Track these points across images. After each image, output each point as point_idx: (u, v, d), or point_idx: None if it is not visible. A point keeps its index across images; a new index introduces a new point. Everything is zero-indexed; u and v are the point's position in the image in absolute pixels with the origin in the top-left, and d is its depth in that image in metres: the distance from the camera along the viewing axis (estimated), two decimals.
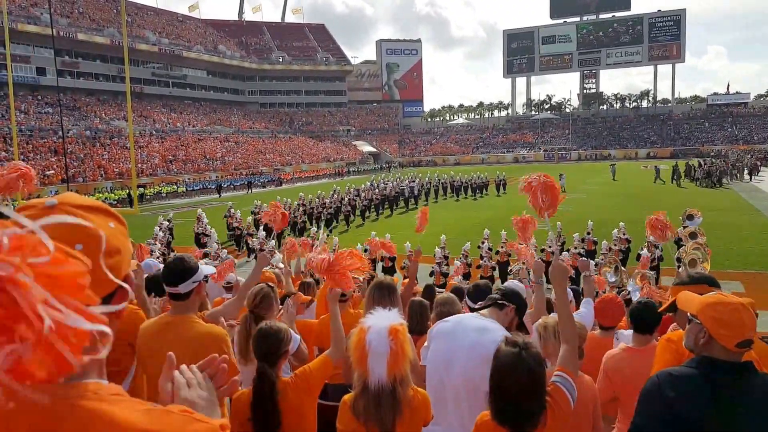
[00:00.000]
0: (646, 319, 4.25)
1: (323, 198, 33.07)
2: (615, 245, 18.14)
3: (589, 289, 5.62)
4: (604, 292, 10.23)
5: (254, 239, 22.16)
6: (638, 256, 14.62)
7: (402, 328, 2.99)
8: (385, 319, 3.02)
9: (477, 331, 3.60)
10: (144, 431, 1.07)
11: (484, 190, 47.59)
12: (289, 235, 28.17)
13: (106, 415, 1.07)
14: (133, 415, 1.09)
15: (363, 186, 39.79)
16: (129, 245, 1.24)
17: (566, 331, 3.26)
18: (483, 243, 19.11)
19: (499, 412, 2.73)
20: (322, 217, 31.22)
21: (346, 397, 3.16)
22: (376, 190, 38.62)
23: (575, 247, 18.37)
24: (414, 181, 44.47)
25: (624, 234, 18.87)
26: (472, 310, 4.03)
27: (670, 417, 2.53)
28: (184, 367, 1.46)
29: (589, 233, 19.94)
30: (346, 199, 34.26)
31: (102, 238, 1.13)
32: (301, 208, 30.63)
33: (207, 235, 22.64)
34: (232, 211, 26.98)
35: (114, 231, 1.19)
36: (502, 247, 18.44)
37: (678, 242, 14.93)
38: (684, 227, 12.97)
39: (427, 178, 47.06)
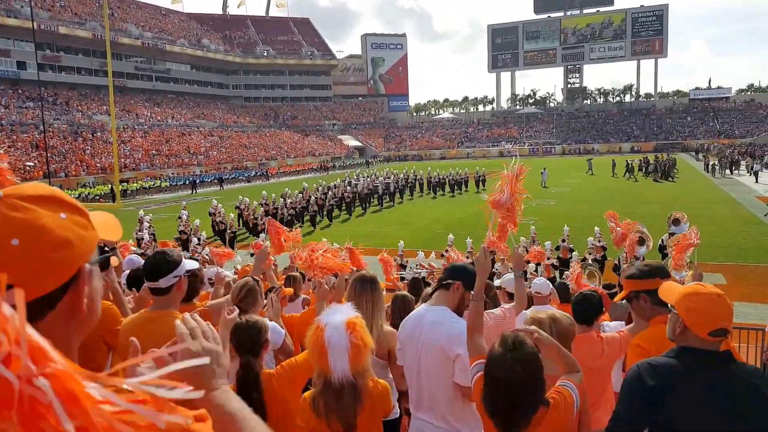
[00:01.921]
0: (586, 311, 4.33)
1: (288, 197, 31.34)
2: (590, 254, 17.18)
3: (519, 291, 4.93)
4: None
5: (194, 244, 20.64)
6: (615, 267, 14.12)
7: (359, 320, 2.99)
8: (340, 314, 3.02)
9: (431, 326, 3.67)
10: None
11: (464, 187, 45.98)
12: (248, 238, 27.12)
13: None
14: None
15: (333, 184, 37.56)
16: (85, 236, 1.14)
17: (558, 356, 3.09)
18: (447, 251, 17.83)
19: (492, 408, 2.75)
20: (284, 219, 28.61)
21: (307, 394, 3.18)
22: (348, 188, 36.49)
23: (548, 258, 16.99)
24: (389, 178, 42.23)
25: (600, 241, 17.62)
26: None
27: (650, 406, 2.58)
28: (187, 315, 1.45)
29: (564, 240, 18.54)
30: (313, 198, 32.53)
31: (44, 231, 1.06)
32: (261, 209, 29.26)
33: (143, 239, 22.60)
34: (183, 211, 26.03)
35: (64, 222, 1.10)
36: (467, 258, 17.00)
37: (662, 250, 14.35)
38: (670, 234, 12.31)
39: (402, 175, 44.80)
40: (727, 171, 49.33)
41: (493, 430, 2.85)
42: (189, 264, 3.64)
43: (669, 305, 2.80)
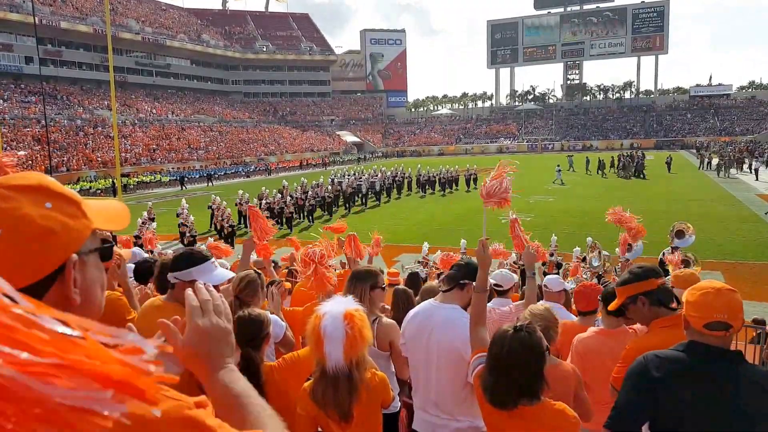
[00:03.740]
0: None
1: (265, 197, 29.97)
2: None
3: (530, 291, 5.03)
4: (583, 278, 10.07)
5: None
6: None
7: (357, 313, 3.03)
8: (340, 305, 3.07)
9: (444, 325, 3.72)
10: None
11: (454, 185, 44.01)
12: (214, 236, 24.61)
13: None
14: None
15: (315, 182, 34.68)
16: (72, 225, 1.11)
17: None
18: (420, 262, 16.10)
19: (484, 383, 2.81)
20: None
21: (307, 383, 3.24)
22: (329, 187, 34.28)
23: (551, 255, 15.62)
24: (376, 176, 39.95)
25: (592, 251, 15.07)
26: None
27: (653, 397, 2.59)
28: (200, 285, 1.43)
29: (552, 254, 16.13)
30: (289, 199, 30.08)
31: (25, 221, 1.04)
32: (229, 210, 26.62)
33: None
34: (144, 213, 24.34)
35: (48, 212, 1.07)
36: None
37: (662, 265, 13.45)
38: (672, 248, 11.14)
39: (390, 173, 42.14)
40: (732, 170, 48.19)
41: (490, 424, 2.90)
42: (218, 273, 3.60)
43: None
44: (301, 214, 31.15)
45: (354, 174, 41.57)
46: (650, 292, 3.46)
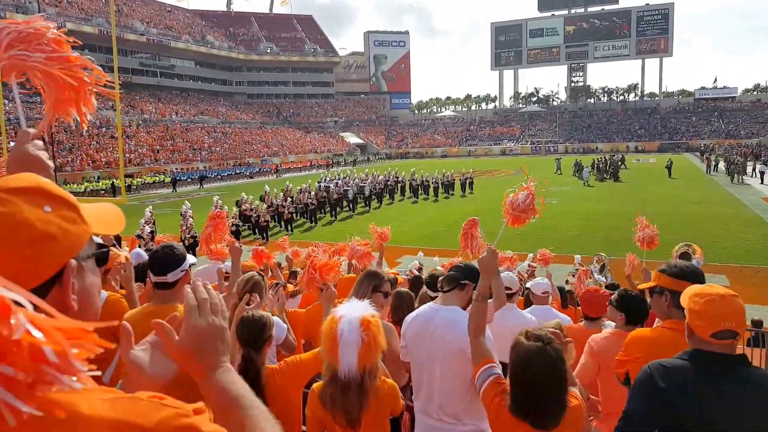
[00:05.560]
0: (640, 311, 4.31)
1: (244, 202, 27.79)
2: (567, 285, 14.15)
3: (497, 289, 4.78)
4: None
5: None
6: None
7: (374, 319, 3.00)
8: (357, 310, 3.04)
9: (446, 326, 3.67)
10: (110, 421, 0.95)
11: (450, 190, 41.70)
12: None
13: (69, 405, 0.93)
14: (98, 404, 0.96)
15: (299, 188, 32.17)
16: (71, 230, 1.08)
17: None
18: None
19: (520, 405, 2.74)
20: (230, 230, 24.14)
21: (315, 385, 3.22)
22: (313, 193, 31.56)
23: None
24: (367, 180, 37.53)
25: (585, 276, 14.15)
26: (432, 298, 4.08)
27: (661, 407, 2.55)
28: (198, 284, 1.39)
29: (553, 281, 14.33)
30: (264, 207, 27.77)
31: (25, 225, 1.00)
32: (190, 219, 24.18)
33: None
34: None
35: (48, 216, 1.04)
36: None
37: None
38: None
39: (381, 177, 39.77)
40: (745, 176, 46.02)
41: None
42: (191, 259, 3.63)
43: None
44: (281, 223, 28.64)
45: (344, 178, 39.82)
46: (678, 293, 3.42)
